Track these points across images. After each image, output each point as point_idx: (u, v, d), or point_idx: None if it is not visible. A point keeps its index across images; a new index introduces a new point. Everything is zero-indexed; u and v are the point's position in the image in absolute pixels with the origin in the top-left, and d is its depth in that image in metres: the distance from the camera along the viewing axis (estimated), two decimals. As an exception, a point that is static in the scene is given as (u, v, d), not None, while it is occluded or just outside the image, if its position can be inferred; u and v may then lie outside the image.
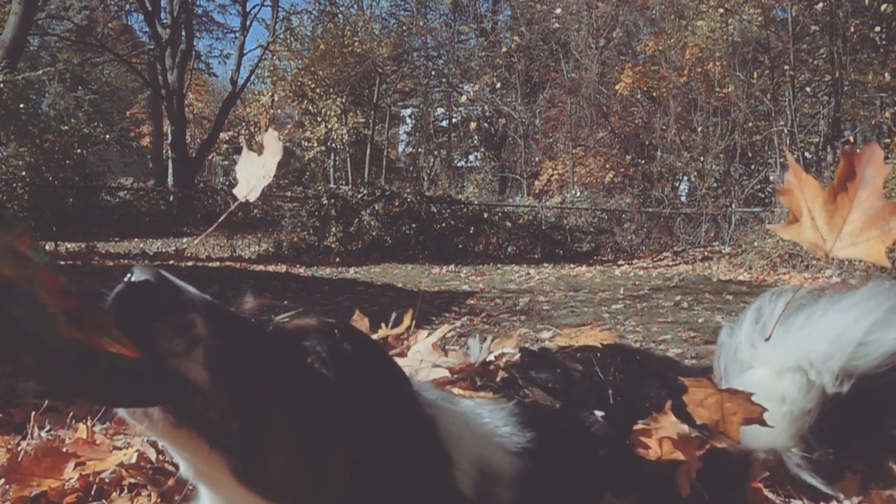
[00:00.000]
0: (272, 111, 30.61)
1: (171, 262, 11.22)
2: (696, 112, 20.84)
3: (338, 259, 13.16)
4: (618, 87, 21.88)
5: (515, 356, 1.77)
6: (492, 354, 1.80)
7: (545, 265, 13.60)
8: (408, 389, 1.16)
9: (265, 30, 29.13)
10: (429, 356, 1.77)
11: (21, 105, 14.66)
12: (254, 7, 26.80)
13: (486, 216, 16.46)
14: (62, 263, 10.62)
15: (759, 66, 19.76)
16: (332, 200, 14.40)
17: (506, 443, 1.25)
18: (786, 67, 18.38)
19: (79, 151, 18.16)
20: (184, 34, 24.24)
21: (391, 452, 1.02)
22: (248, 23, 26.75)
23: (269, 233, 15.75)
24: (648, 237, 18.45)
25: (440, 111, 30.42)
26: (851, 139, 21.10)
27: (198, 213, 19.78)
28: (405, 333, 1.93)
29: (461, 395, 1.45)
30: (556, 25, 24.43)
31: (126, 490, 1.65)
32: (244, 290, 1.18)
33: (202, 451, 0.91)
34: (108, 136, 18.83)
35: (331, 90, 26.67)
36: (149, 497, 1.60)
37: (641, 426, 1.45)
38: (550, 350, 1.85)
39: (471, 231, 15.71)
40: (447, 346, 2.01)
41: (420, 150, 30.97)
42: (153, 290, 0.87)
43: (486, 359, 1.70)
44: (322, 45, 26.11)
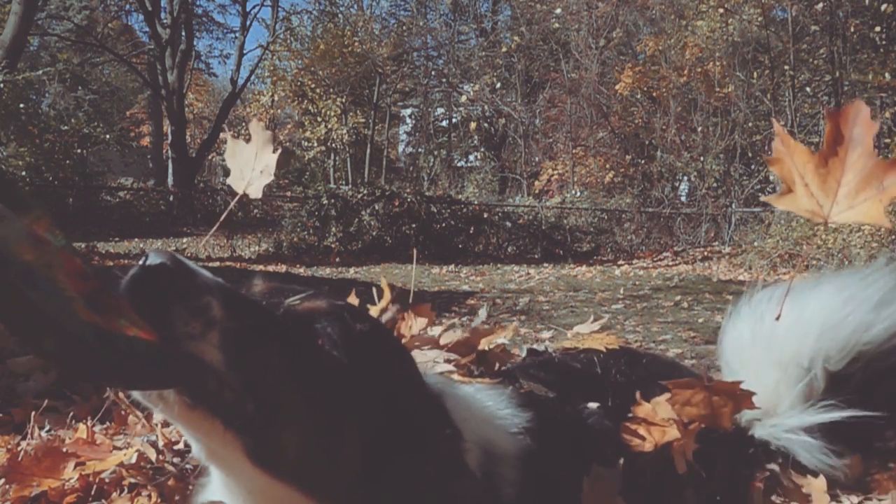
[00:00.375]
0: (272, 111, 30.62)
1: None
2: (696, 112, 20.84)
3: (338, 259, 13.16)
4: (618, 87, 21.88)
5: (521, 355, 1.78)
6: (489, 345, 1.81)
7: (545, 265, 13.60)
8: (416, 371, 1.18)
9: (265, 30, 29.16)
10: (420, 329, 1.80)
11: (21, 105, 14.67)
12: (254, 7, 26.82)
13: (486, 216, 16.46)
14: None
15: (759, 66, 19.76)
16: (332, 200, 14.40)
17: (507, 424, 1.27)
18: (786, 67, 18.39)
19: (79, 151, 18.19)
20: (184, 34, 24.24)
21: (402, 432, 1.03)
22: (248, 23, 26.77)
23: (269, 233, 15.76)
24: (648, 237, 18.46)
25: (440, 111, 30.42)
26: (851, 139, 21.10)
27: (198, 213, 19.79)
28: (387, 307, 1.95)
29: (460, 381, 1.46)
30: (556, 25, 24.43)
31: (126, 490, 1.65)
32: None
33: (217, 432, 0.92)
34: (108, 136, 18.86)
35: (331, 90, 26.68)
36: (149, 497, 1.60)
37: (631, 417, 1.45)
38: (552, 351, 1.86)
39: (471, 231, 15.72)
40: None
41: (420, 150, 30.98)
42: (169, 274, 0.88)
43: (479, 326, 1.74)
44: (322, 45, 26.12)
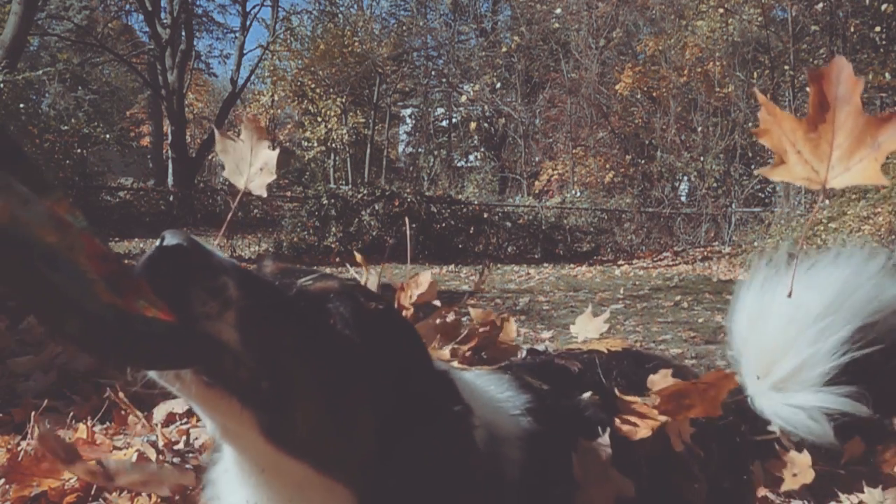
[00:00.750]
0: (272, 111, 30.62)
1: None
2: (696, 112, 20.85)
3: (338, 259, 13.17)
4: (618, 87, 21.88)
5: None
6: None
7: (545, 265, 13.60)
8: (425, 349, 1.20)
9: (265, 30, 29.15)
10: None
11: (21, 105, 14.66)
12: (254, 7, 26.82)
13: (486, 216, 16.46)
14: None
15: (759, 66, 19.77)
16: (332, 200, 14.41)
17: (508, 406, 1.29)
18: (786, 67, 18.39)
19: (79, 151, 18.17)
20: (184, 34, 24.23)
21: (414, 408, 1.04)
22: (248, 23, 26.77)
23: (269, 233, 15.77)
24: (648, 237, 18.46)
25: (440, 111, 30.42)
26: (851, 139, 21.11)
27: (198, 213, 19.77)
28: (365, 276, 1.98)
29: (459, 369, 1.47)
30: (556, 25, 24.42)
31: (126, 490, 1.65)
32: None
33: (232, 410, 0.93)
34: (108, 136, 18.84)
35: (331, 90, 26.68)
36: (149, 497, 1.60)
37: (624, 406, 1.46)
38: (552, 352, 1.87)
39: (471, 231, 15.72)
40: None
41: (420, 150, 30.98)
42: (186, 254, 0.89)
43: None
44: (322, 45, 26.11)
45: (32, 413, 2.07)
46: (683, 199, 21.70)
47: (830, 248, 1.77)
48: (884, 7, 16.85)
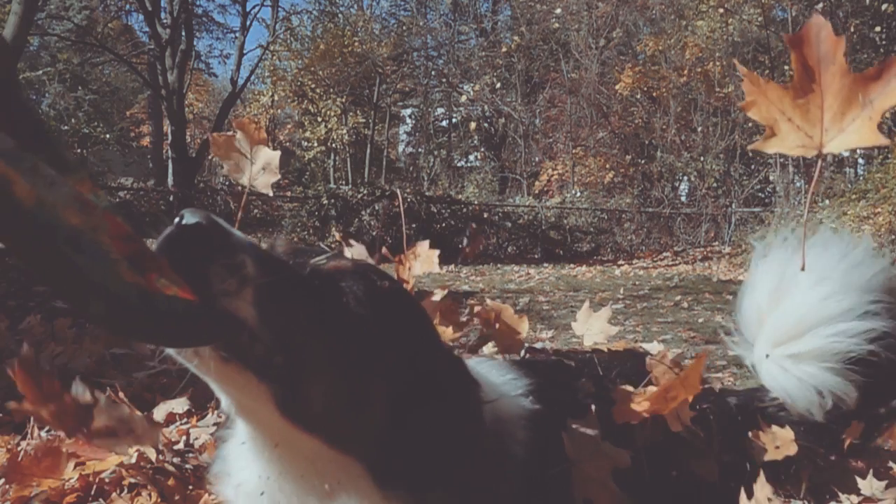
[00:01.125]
0: (272, 111, 30.61)
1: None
2: (696, 112, 20.85)
3: (338, 259, 13.15)
4: (618, 87, 21.88)
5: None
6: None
7: (545, 265, 13.60)
8: (434, 329, 1.22)
9: (265, 30, 29.11)
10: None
11: (21, 105, 14.65)
12: (254, 7, 26.75)
13: (486, 216, 16.46)
14: None
15: (759, 66, 19.77)
16: (332, 200, 14.42)
17: (511, 388, 1.33)
18: (786, 67, 18.39)
19: (79, 151, 18.18)
20: (184, 34, 24.20)
21: (425, 385, 1.06)
22: (248, 23, 26.70)
23: (270, 233, 15.77)
24: (648, 237, 18.46)
25: (440, 111, 30.42)
26: (851, 139, 21.11)
27: (198, 214, 19.74)
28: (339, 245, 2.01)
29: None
30: (556, 25, 24.42)
31: (126, 490, 1.65)
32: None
33: (249, 385, 0.95)
34: (108, 136, 18.85)
35: (331, 90, 26.65)
36: (149, 497, 1.61)
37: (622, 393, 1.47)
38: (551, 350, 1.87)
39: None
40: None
41: (420, 150, 30.97)
42: (206, 232, 0.91)
43: None
44: (322, 45, 26.08)
45: (32, 413, 2.06)
46: (683, 199, 21.71)
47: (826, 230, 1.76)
48: (884, 7, 16.85)
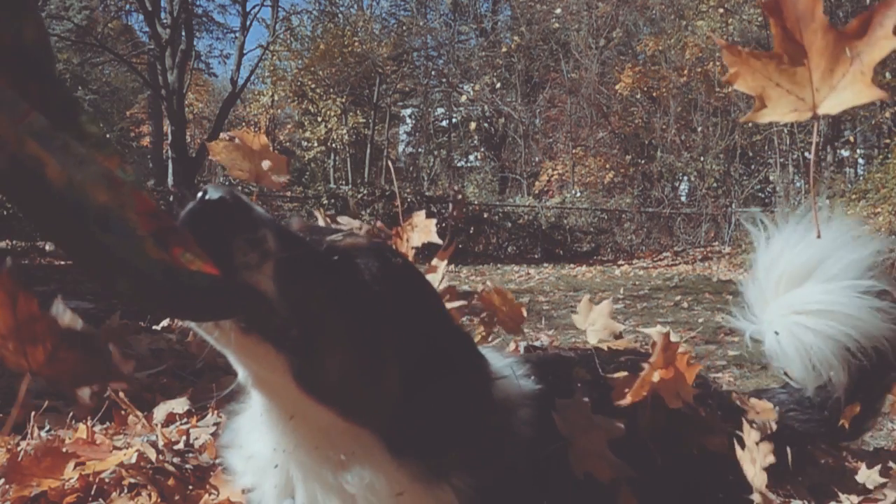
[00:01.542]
0: (272, 111, 30.60)
1: (171, 262, 11.20)
2: (696, 112, 20.85)
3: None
4: (618, 87, 21.88)
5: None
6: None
7: (545, 265, 13.60)
8: (444, 306, 1.25)
9: (265, 30, 29.11)
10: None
11: (21, 105, 14.66)
12: (254, 7, 26.76)
13: (486, 216, 16.47)
14: (62, 263, 10.61)
15: (759, 66, 19.77)
16: (332, 200, 14.42)
17: (513, 371, 1.35)
18: (786, 67, 18.40)
19: (79, 151, 18.16)
20: (184, 34, 24.21)
21: (437, 359, 1.09)
22: (248, 23, 26.71)
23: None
24: (648, 237, 18.47)
25: (440, 111, 30.42)
26: (852, 139, 21.10)
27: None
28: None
29: None
30: (556, 25, 24.42)
31: (126, 490, 1.65)
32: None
33: (268, 357, 0.98)
34: (109, 136, 18.83)
35: (331, 90, 26.65)
36: (149, 497, 1.61)
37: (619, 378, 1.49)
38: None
39: (471, 231, 15.72)
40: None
41: (420, 150, 30.98)
42: (229, 207, 0.93)
43: None
44: (322, 45, 26.08)
45: (32, 413, 2.07)
46: (683, 199, 21.71)
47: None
48: (884, 7, 16.83)
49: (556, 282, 9.96)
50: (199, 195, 0.93)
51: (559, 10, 23.82)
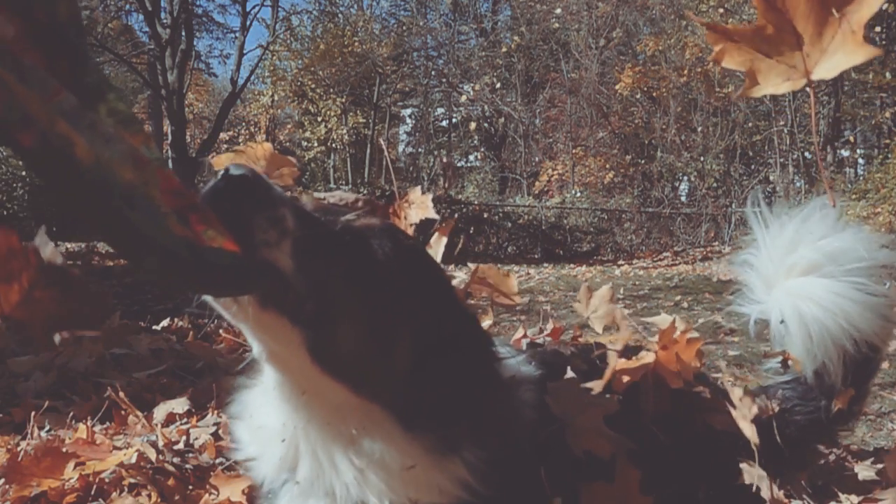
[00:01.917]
0: (272, 111, 30.59)
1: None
2: (696, 112, 20.85)
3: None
4: (618, 87, 21.87)
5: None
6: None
7: (545, 265, 13.60)
8: (453, 287, 1.28)
9: (265, 30, 29.10)
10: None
11: None
12: (254, 7, 26.75)
13: (486, 216, 16.47)
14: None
15: (759, 66, 19.76)
16: (332, 200, 14.42)
17: (514, 357, 1.38)
18: (786, 67, 18.40)
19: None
20: (184, 34, 24.20)
21: (447, 336, 1.12)
22: (248, 23, 26.70)
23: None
24: (648, 237, 18.47)
25: (440, 111, 30.41)
26: (852, 139, 21.10)
27: (198, 213, 19.73)
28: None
29: None
30: (556, 25, 24.42)
31: (126, 490, 1.65)
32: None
33: (284, 332, 1.00)
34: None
35: (331, 90, 26.63)
36: (149, 497, 1.61)
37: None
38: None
39: (471, 231, 15.73)
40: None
41: (420, 150, 30.97)
42: (251, 185, 0.96)
43: None
44: (322, 45, 26.06)
45: (32, 413, 2.07)
46: (683, 199, 21.71)
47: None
48: (884, 7, 16.84)
49: (556, 282, 9.96)
50: (222, 173, 0.95)
51: (559, 10, 23.82)
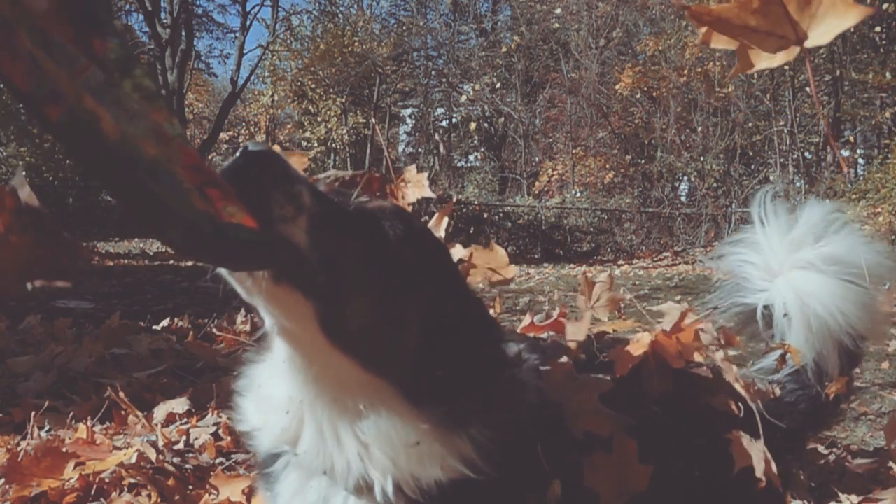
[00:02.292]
0: (272, 111, 30.60)
1: (172, 262, 11.22)
2: (696, 112, 20.84)
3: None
4: (618, 87, 21.86)
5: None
6: None
7: (545, 265, 13.60)
8: (459, 269, 1.32)
9: (265, 30, 29.13)
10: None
11: (21, 105, 14.67)
12: (254, 7, 26.81)
13: (486, 216, 16.46)
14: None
15: (760, 66, 19.75)
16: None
17: (515, 346, 1.40)
18: (786, 67, 18.39)
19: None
20: (184, 34, 24.23)
21: (454, 314, 1.16)
22: (248, 23, 26.77)
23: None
24: (648, 237, 18.46)
25: (440, 111, 30.40)
26: (852, 139, 21.09)
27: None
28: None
29: None
30: (556, 25, 24.42)
31: (126, 490, 1.65)
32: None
33: (297, 306, 1.02)
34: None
35: (331, 90, 26.64)
36: (149, 497, 1.61)
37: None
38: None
39: (471, 231, 15.72)
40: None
41: (420, 151, 30.96)
42: (270, 161, 0.99)
43: None
44: (322, 45, 26.08)
45: (32, 413, 2.07)
46: (683, 199, 21.70)
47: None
48: (884, 7, 16.83)
49: (556, 282, 9.96)
50: (242, 149, 0.98)
51: (559, 10, 23.82)
